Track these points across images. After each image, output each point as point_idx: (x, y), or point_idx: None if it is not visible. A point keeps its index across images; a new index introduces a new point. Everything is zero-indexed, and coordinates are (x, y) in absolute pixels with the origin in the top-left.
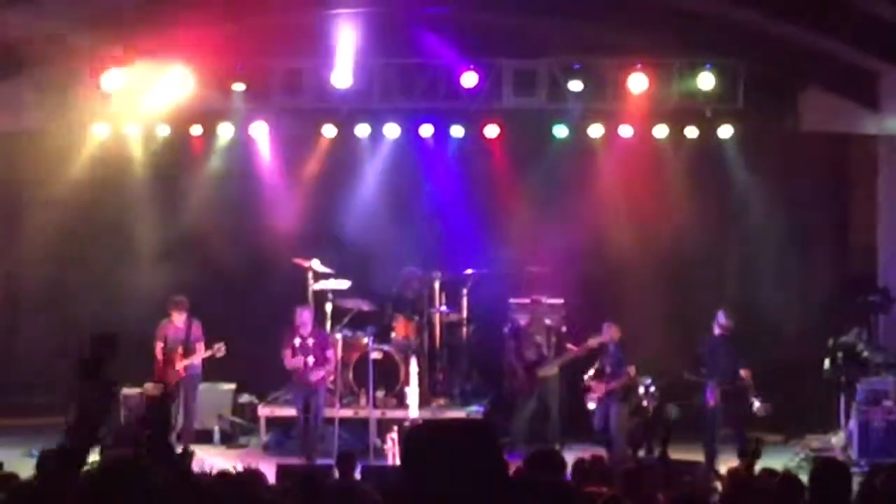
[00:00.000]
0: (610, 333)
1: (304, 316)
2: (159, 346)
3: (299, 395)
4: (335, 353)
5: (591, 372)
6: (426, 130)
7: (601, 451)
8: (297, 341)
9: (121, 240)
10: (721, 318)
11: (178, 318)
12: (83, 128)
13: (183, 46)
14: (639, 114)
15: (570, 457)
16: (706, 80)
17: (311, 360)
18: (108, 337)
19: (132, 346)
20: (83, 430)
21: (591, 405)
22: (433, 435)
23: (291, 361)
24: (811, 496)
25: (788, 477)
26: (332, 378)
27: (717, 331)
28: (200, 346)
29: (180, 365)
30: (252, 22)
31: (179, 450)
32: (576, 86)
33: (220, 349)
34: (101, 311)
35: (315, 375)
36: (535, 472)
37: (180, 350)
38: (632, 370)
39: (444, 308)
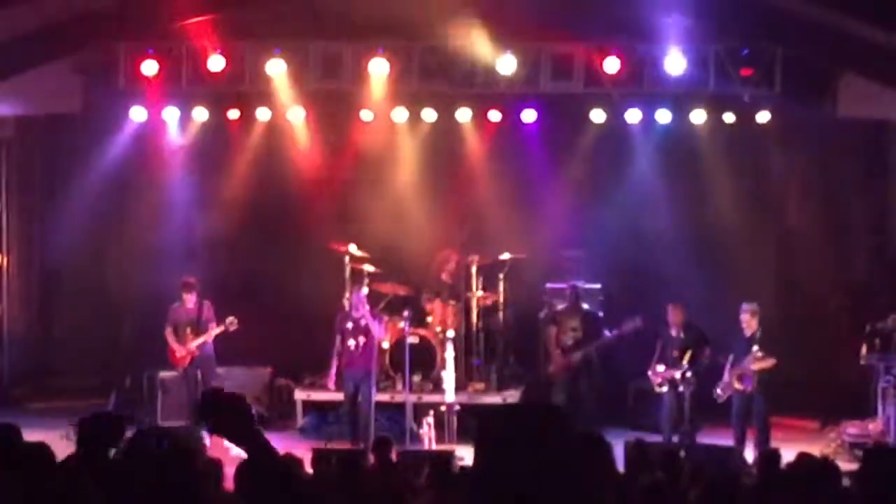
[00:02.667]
0: (672, 316)
1: (360, 297)
2: (169, 329)
3: (350, 380)
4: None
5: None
6: (464, 115)
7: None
8: (350, 325)
9: (158, 224)
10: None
11: (189, 300)
12: (121, 112)
13: (220, 29)
14: (676, 98)
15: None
16: (743, 65)
17: (362, 340)
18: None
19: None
20: None
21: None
22: (509, 419)
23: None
24: (860, 481)
25: (825, 462)
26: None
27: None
28: (212, 325)
29: (193, 345)
30: (289, 4)
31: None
32: (612, 67)
33: (232, 323)
34: (138, 295)
35: (379, 334)
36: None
37: (189, 331)
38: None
39: (480, 293)
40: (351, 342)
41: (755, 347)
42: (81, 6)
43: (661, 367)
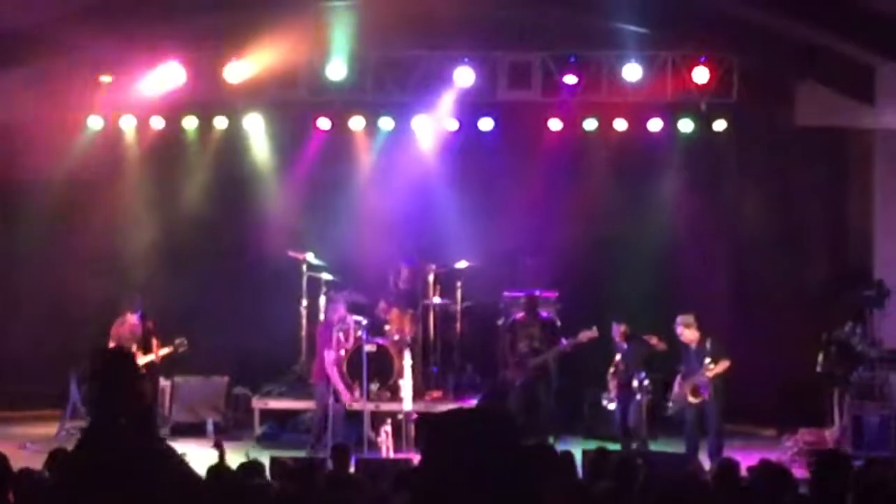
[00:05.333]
0: (617, 333)
1: (343, 309)
2: (112, 345)
3: (329, 389)
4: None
5: (612, 370)
6: (420, 123)
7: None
8: (338, 336)
9: (114, 232)
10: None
11: (132, 317)
12: (78, 120)
13: (177, 38)
14: (633, 107)
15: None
16: (701, 74)
17: (343, 352)
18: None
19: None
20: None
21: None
22: (455, 424)
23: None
24: (812, 488)
25: (780, 470)
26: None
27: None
28: (156, 342)
29: (140, 362)
30: (247, 14)
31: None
32: (570, 79)
33: (181, 344)
34: (96, 304)
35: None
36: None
37: (135, 348)
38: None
39: (438, 300)
40: (342, 353)
41: (707, 360)
42: (38, 15)
43: (613, 381)
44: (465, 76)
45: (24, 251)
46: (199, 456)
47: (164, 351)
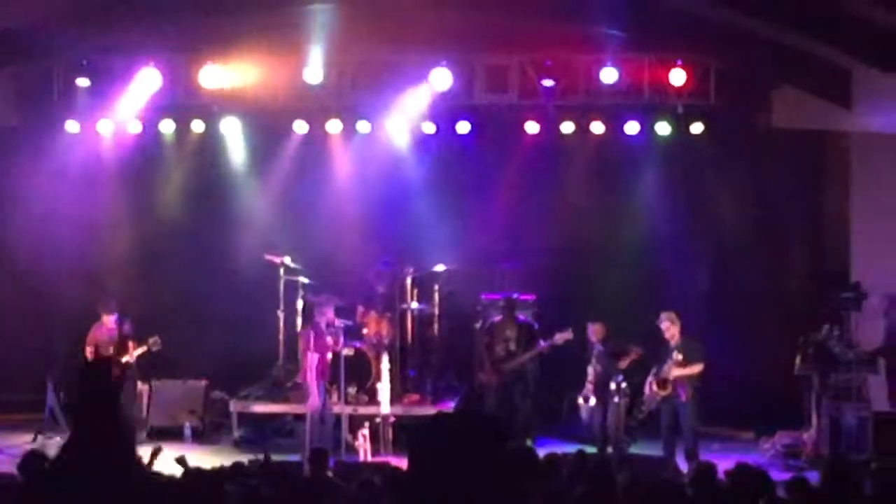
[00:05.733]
0: (592, 333)
1: (331, 312)
2: (89, 350)
3: (323, 392)
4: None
5: (590, 371)
6: (397, 126)
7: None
8: (330, 339)
9: (91, 236)
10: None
11: (109, 320)
12: (56, 125)
13: (154, 42)
14: (610, 110)
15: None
16: (678, 77)
17: (330, 355)
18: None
19: None
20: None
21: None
22: (439, 429)
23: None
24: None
25: (758, 472)
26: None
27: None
28: (132, 344)
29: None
30: (224, 17)
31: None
32: (547, 82)
33: (155, 343)
34: (73, 309)
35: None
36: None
37: (111, 351)
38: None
39: (416, 304)
40: (329, 356)
41: (675, 352)
42: (15, 19)
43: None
44: (442, 79)
45: (1, 256)
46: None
47: (139, 351)
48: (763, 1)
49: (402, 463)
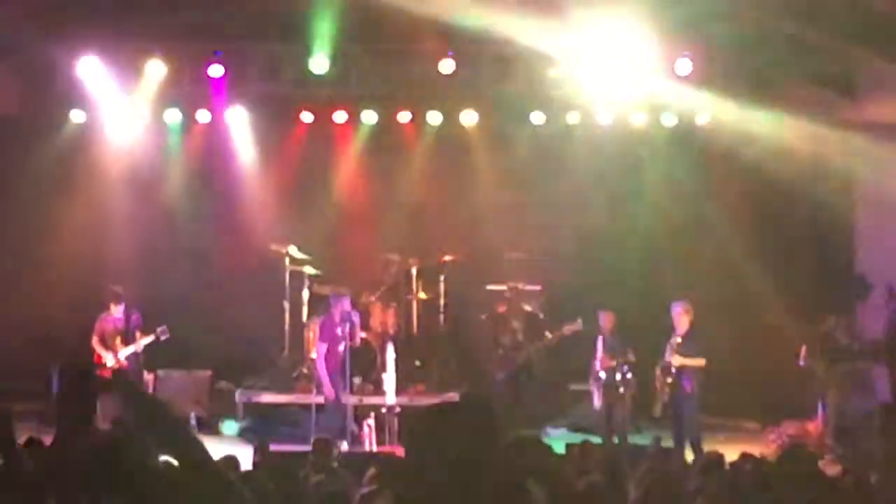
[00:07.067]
0: (604, 320)
1: (348, 304)
2: (96, 339)
3: (337, 383)
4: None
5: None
6: (403, 117)
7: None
8: (339, 330)
9: (96, 226)
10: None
11: (116, 309)
12: (60, 113)
13: (160, 31)
14: (616, 101)
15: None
16: (683, 67)
17: (344, 345)
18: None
19: None
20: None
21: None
22: (439, 417)
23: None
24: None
25: (763, 463)
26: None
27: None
28: (139, 333)
29: (122, 354)
30: (230, 7)
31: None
32: (553, 72)
33: (163, 332)
34: (77, 297)
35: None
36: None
37: (118, 340)
38: (631, 354)
39: (422, 295)
40: (340, 347)
41: (677, 339)
42: (21, 7)
43: (601, 373)
44: (447, 69)
45: (6, 245)
46: None
47: (146, 340)
48: None
49: None
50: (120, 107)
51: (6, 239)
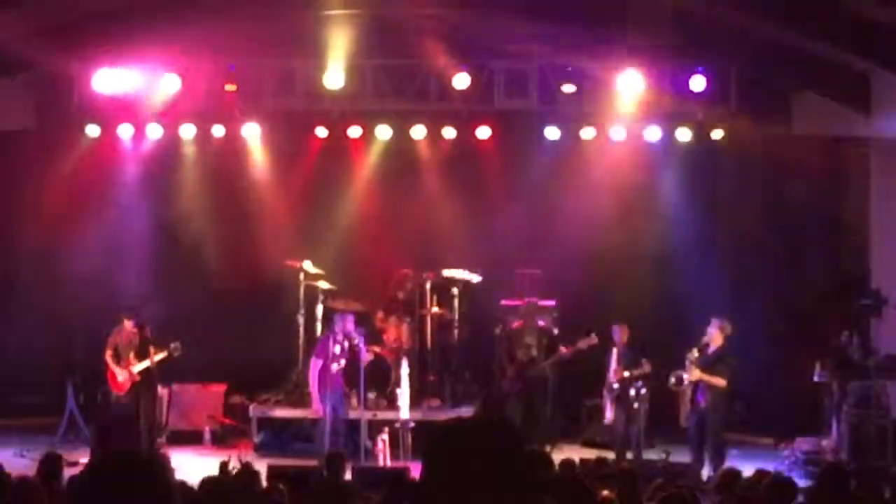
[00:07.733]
0: (618, 334)
1: (350, 323)
2: (109, 353)
3: (331, 401)
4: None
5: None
6: (418, 132)
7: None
8: (338, 349)
9: (111, 240)
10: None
11: (129, 324)
12: (75, 128)
13: (175, 47)
14: (630, 116)
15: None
16: (698, 83)
17: (343, 363)
18: None
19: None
20: None
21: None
22: (456, 434)
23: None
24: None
25: (780, 479)
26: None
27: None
28: (153, 349)
29: (135, 369)
30: (244, 23)
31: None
32: (568, 87)
33: (176, 348)
34: (91, 311)
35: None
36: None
37: (132, 355)
38: (647, 365)
39: (436, 309)
40: (335, 365)
41: (694, 352)
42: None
43: (615, 384)
44: (462, 84)
45: (21, 259)
46: (195, 465)
47: (160, 356)
48: (782, 6)
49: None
50: (135, 122)
51: (21, 253)
